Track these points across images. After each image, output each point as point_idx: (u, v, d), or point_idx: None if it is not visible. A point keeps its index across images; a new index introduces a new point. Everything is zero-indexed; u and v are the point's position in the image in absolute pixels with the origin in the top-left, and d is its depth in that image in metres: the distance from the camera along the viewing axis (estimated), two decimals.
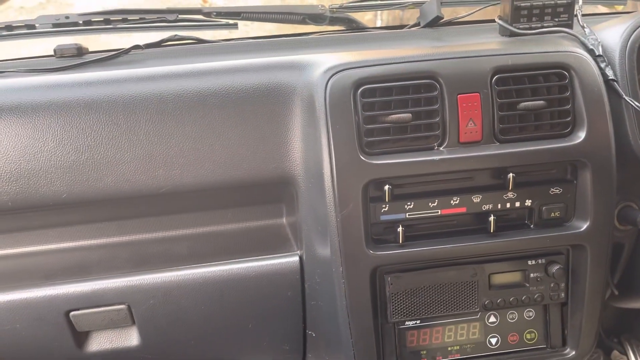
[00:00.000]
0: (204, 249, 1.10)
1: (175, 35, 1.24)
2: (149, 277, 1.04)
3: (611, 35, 1.06)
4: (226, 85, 1.00)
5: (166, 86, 0.99)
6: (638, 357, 1.52)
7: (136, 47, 1.19)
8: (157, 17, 1.27)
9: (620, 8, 1.50)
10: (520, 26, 1.12)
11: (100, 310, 1.04)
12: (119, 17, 1.25)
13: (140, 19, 1.27)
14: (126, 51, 1.18)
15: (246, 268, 1.06)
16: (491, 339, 1.06)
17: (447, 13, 1.35)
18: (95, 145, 0.97)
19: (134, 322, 1.06)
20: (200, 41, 1.26)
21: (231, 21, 1.31)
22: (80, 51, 1.17)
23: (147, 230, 1.10)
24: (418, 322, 1.04)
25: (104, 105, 0.97)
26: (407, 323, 1.03)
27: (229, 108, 0.99)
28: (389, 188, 0.96)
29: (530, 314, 1.06)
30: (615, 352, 1.58)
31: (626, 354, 1.55)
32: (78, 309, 1.03)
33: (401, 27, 1.34)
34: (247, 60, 1.04)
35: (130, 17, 1.26)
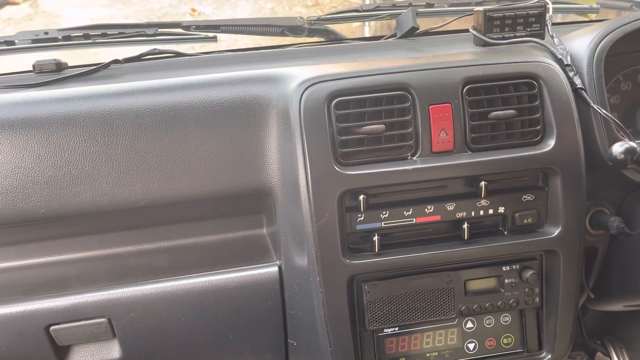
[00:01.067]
0: (185, 260, 1.11)
1: (155, 49, 1.26)
2: (130, 290, 1.05)
3: (579, 44, 1.08)
4: (202, 99, 1.01)
5: (143, 101, 1.00)
6: (621, 358, 1.54)
7: (115, 61, 1.21)
8: (137, 32, 1.29)
9: (593, 16, 1.53)
10: (494, 36, 1.14)
11: (81, 324, 1.04)
12: (98, 32, 1.27)
13: (120, 33, 1.28)
14: (105, 66, 1.19)
15: (226, 279, 1.07)
16: (469, 345, 1.08)
17: (424, 24, 1.38)
18: (73, 160, 0.98)
19: (115, 335, 1.07)
20: (179, 54, 1.28)
21: (210, 34, 1.33)
22: (59, 66, 1.18)
23: (127, 243, 1.11)
24: (396, 329, 1.05)
25: (82, 120, 0.98)
26: (385, 330, 1.05)
27: (206, 121, 1.01)
28: (364, 198, 0.97)
29: (507, 319, 1.08)
30: (598, 354, 1.60)
31: (609, 356, 1.57)
32: (58, 324, 1.04)
33: (378, 38, 1.36)
34: (223, 74, 1.05)
35: (109, 32, 1.28)
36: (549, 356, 1.08)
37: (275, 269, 1.07)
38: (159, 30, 1.29)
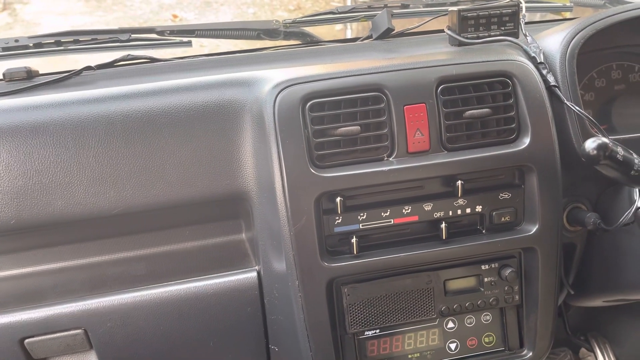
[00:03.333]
0: (163, 268, 1.09)
1: (128, 55, 1.24)
2: (106, 299, 1.03)
3: (552, 42, 1.09)
4: (175, 104, 1.00)
5: (114, 107, 0.99)
6: (604, 354, 1.55)
7: (88, 68, 1.19)
8: (110, 38, 1.27)
9: (568, 15, 1.54)
10: (468, 35, 1.15)
11: (56, 336, 1.02)
12: (70, 39, 1.25)
13: (93, 39, 1.27)
14: (77, 73, 1.17)
15: (204, 286, 1.06)
16: (450, 345, 1.07)
17: (400, 24, 1.38)
18: (43, 169, 0.96)
19: (91, 347, 1.05)
20: (153, 60, 1.26)
21: (185, 39, 1.32)
22: (30, 74, 1.16)
23: (103, 252, 1.09)
24: (377, 331, 1.04)
25: (52, 128, 0.96)
26: (366, 333, 1.04)
27: (179, 127, 0.99)
28: (341, 200, 0.97)
29: (488, 317, 1.08)
30: (583, 350, 1.61)
31: (593, 351, 1.58)
32: (33, 336, 1.02)
33: (354, 40, 1.36)
34: (196, 79, 1.04)
35: (82, 38, 1.26)
36: (530, 354, 1.08)
37: (254, 274, 1.06)
38: (132, 35, 1.28)
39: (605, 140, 0.83)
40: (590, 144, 0.83)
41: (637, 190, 0.96)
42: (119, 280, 1.07)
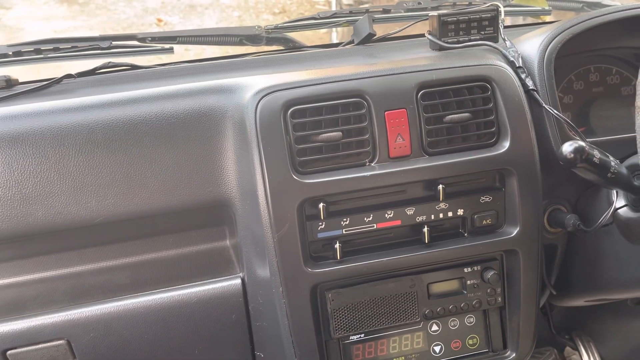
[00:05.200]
0: (146, 276, 1.09)
1: (109, 62, 1.23)
2: (89, 309, 1.02)
3: (530, 46, 1.10)
4: (156, 112, 1.00)
5: (95, 116, 0.98)
6: (589, 352, 1.57)
7: (68, 76, 1.18)
8: (90, 45, 1.26)
9: (547, 18, 1.56)
10: (449, 40, 1.16)
11: (39, 347, 1.01)
12: (50, 47, 1.24)
13: (73, 47, 1.26)
14: (58, 81, 1.17)
15: (188, 294, 1.05)
16: (435, 347, 1.08)
17: (382, 29, 1.39)
18: (23, 180, 0.95)
19: (75, 357, 1.04)
20: (135, 67, 1.26)
21: (167, 46, 1.32)
22: (9, 83, 1.15)
23: (86, 262, 1.08)
24: (362, 336, 1.05)
25: (31, 138, 0.96)
26: (351, 338, 1.04)
27: (161, 135, 0.99)
28: (323, 206, 0.97)
29: (471, 320, 1.09)
30: (567, 349, 1.63)
31: (577, 350, 1.60)
32: (15, 348, 1.01)
33: (336, 45, 1.37)
34: (177, 86, 1.04)
35: (62, 46, 1.25)
36: (514, 355, 1.09)
37: (238, 281, 1.06)
38: (113, 43, 1.27)
39: (581, 143, 0.85)
40: (567, 148, 0.84)
41: (614, 191, 0.98)
42: (102, 289, 1.06)
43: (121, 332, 1.03)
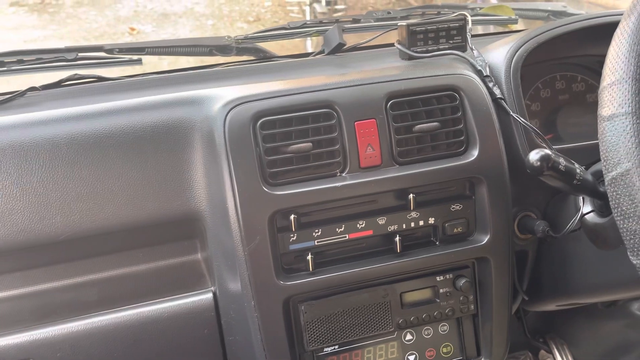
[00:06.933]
0: (115, 293, 1.06)
1: (76, 74, 1.21)
2: (55, 328, 1.00)
3: (497, 55, 1.12)
4: (123, 125, 0.98)
5: (59, 130, 0.96)
6: (563, 355, 1.59)
7: (32, 89, 1.15)
8: (55, 57, 1.24)
9: (514, 27, 1.59)
10: (418, 49, 1.17)
11: None
12: (14, 59, 1.21)
13: (37, 59, 1.23)
14: (21, 94, 1.14)
15: (158, 309, 1.03)
16: (409, 357, 1.08)
17: (352, 39, 1.39)
18: None
19: None
20: (102, 79, 1.24)
21: (135, 57, 1.30)
22: None
23: (52, 279, 1.05)
24: (336, 347, 1.04)
25: None
26: (325, 350, 1.03)
27: (127, 148, 0.97)
28: (295, 217, 0.96)
29: (445, 328, 1.09)
30: (542, 352, 1.64)
31: (552, 353, 1.62)
32: None
33: (307, 55, 1.37)
34: (144, 98, 1.02)
35: (26, 58, 1.22)
36: None
37: (210, 295, 1.05)
38: (79, 54, 1.24)
39: (547, 151, 0.86)
40: (534, 156, 0.86)
41: (582, 197, 0.99)
42: (69, 307, 1.04)
43: (89, 351, 1.01)
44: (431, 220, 1.03)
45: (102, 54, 1.28)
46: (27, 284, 1.04)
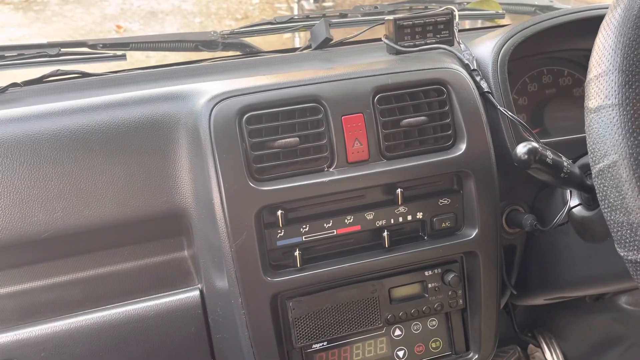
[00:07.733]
0: (100, 291, 1.05)
1: (58, 70, 1.19)
2: (39, 328, 0.98)
3: (484, 49, 1.12)
4: (106, 120, 0.96)
5: (41, 126, 0.94)
6: (551, 349, 1.60)
7: (14, 85, 1.13)
8: (38, 52, 1.22)
9: (501, 22, 1.59)
10: (405, 44, 1.16)
11: None
12: None
13: (19, 55, 1.21)
14: (2, 90, 1.12)
15: (144, 307, 1.02)
16: (398, 352, 1.07)
17: (339, 34, 1.38)
18: None
19: None
20: (85, 75, 1.22)
21: (119, 52, 1.28)
22: None
23: (36, 278, 1.03)
24: (325, 343, 1.03)
25: None
26: (314, 346, 1.03)
27: (111, 144, 0.96)
28: (282, 213, 0.95)
29: (434, 323, 1.09)
30: (531, 346, 1.65)
31: (540, 347, 1.62)
32: None
33: (293, 50, 1.36)
34: (128, 94, 1.01)
35: (7, 54, 1.20)
36: (476, 356, 1.09)
37: (197, 292, 1.03)
38: (62, 50, 1.22)
39: (535, 144, 0.86)
40: (521, 149, 0.85)
41: (569, 191, 0.99)
42: (53, 306, 1.02)
43: (74, 350, 0.99)
44: (419, 215, 1.02)
45: (86, 49, 1.26)
46: (10, 283, 1.02)
